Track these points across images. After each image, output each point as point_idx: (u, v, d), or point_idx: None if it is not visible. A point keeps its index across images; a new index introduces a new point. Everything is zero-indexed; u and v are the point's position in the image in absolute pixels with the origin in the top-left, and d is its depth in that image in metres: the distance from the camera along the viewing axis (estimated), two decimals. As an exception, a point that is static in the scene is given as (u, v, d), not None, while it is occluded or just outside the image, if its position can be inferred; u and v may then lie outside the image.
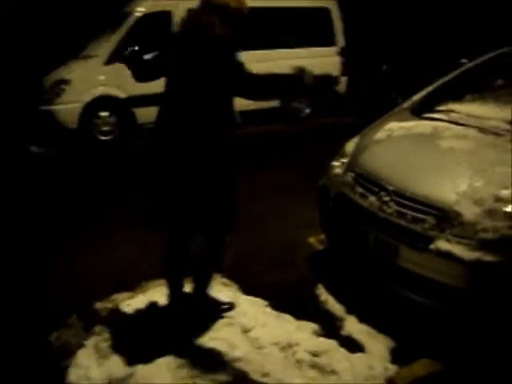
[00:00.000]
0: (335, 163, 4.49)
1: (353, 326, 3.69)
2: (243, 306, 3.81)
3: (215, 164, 3.18)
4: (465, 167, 3.52)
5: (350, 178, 4.11)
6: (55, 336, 3.58)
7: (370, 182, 3.89)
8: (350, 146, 4.54)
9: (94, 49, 9.68)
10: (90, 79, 9.30)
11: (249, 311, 3.74)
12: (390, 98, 10.39)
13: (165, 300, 3.72)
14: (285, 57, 10.40)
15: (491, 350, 3.26)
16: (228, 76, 3.09)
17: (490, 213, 3.22)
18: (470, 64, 5.11)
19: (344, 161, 4.41)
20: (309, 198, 4.82)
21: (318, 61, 10.72)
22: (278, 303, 3.90)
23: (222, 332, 3.46)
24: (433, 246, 3.31)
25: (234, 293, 4.01)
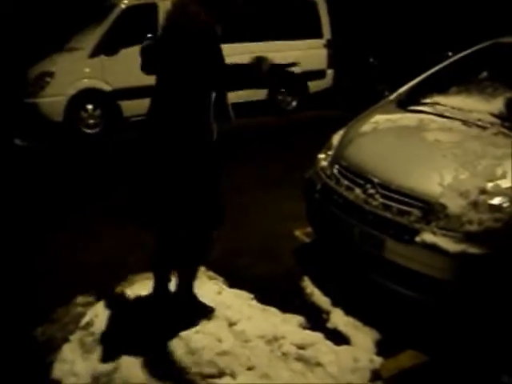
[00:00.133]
0: (321, 156, 4.49)
1: (339, 319, 3.69)
2: (229, 300, 3.79)
3: (198, 157, 3.16)
4: (450, 160, 3.54)
5: (336, 171, 4.11)
6: (40, 331, 3.56)
7: (356, 175, 3.89)
8: (336, 139, 4.54)
9: (78, 41, 9.57)
10: (75, 72, 9.19)
11: (234, 304, 3.72)
12: (377, 91, 10.40)
13: (151, 294, 3.70)
14: (271, 49, 10.32)
15: (476, 341, 3.28)
16: (208, 65, 3.09)
17: (475, 205, 3.24)
18: (455, 57, 5.13)
19: (330, 153, 4.41)
20: (295, 191, 4.81)
21: (304, 53, 10.76)
22: (263, 296, 3.88)
23: (207, 326, 3.45)
24: (418, 239, 3.32)
25: (219, 286, 3.99)
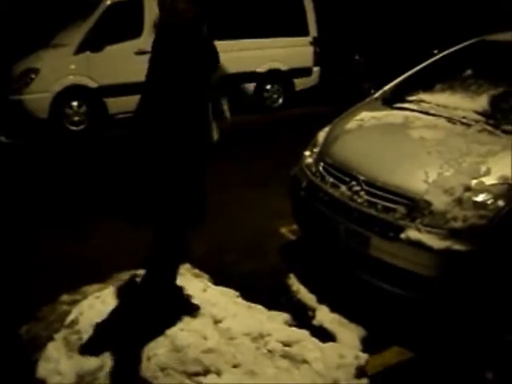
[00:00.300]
0: (307, 153, 4.49)
1: (324, 316, 3.71)
2: (214, 297, 3.78)
3: (194, 158, 3.16)
4: (435, 157, 3.55)
5: (321, 168, 4.11)
6: (25, 329, 3.54)
7: (341, 172, 3.89)
8: (322, 136, 4.54)
9: (64, 37, 9.49)
10: (60, 68, 9.11)
11: (220, 302, 3.71)
12: (363, 88, 10.43)
13: (136, 292, 3.69)
14: (257, 47, 10.39)
15: (461, 337, 3.30)
16: (197, 58, 3.10)
17: (459, 202, 3.26)
18: (441, 54, 5.15)
19: (315, 150, 4.41)
20: (282, 189, 4.81)
21: (291, 51, 10.76)
22: (249, 293, 3.88)
23: (192, 323, 3.44)
24: (403, 236, 3.33)
25: (204, 283, 3.98)
